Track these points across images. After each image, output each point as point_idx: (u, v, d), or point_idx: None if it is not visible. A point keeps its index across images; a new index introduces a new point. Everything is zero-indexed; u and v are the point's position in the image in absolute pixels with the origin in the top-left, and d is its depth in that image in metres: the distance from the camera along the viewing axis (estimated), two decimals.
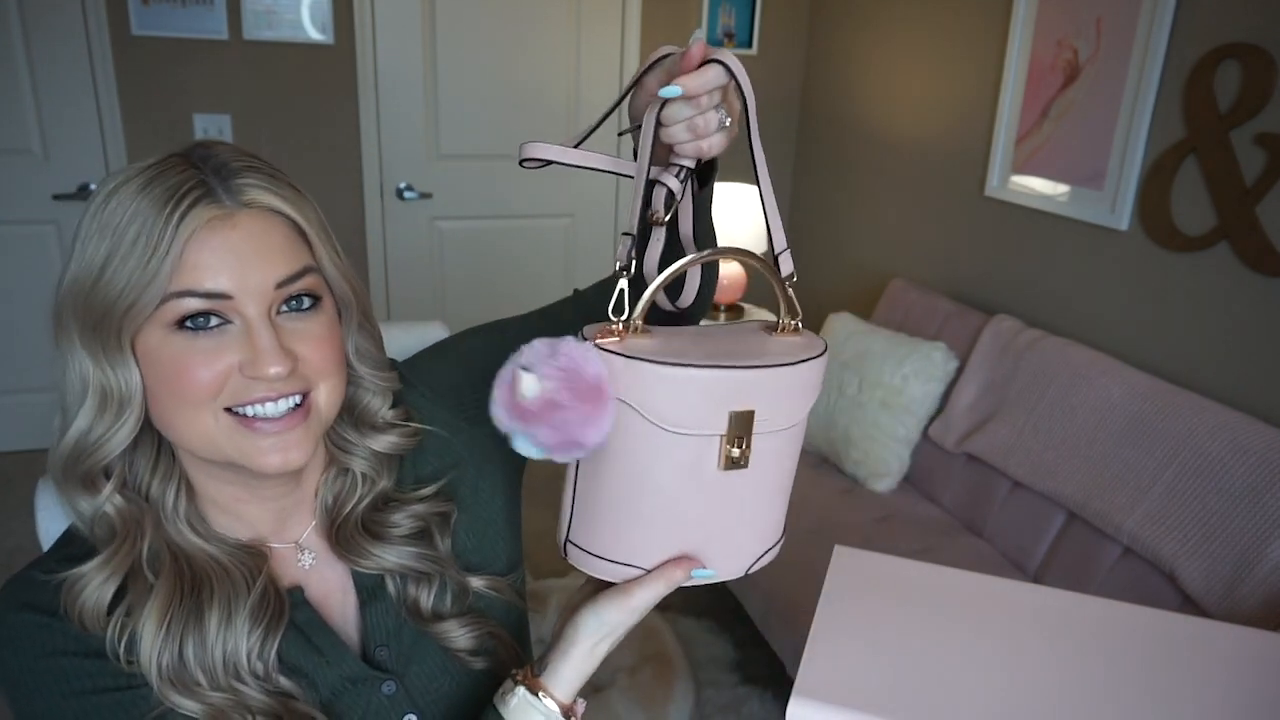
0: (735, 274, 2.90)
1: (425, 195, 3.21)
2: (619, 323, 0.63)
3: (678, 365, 0.59)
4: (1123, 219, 2.05)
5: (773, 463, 0.66)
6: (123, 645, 0.65)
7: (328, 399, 0.70)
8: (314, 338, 0.68)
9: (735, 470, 0.63)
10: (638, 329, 0.63)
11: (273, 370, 0.64)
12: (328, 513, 0.77)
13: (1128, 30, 2.00)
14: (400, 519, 0.78)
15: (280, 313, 0.66)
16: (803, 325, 0.69)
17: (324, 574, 0.77)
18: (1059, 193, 2.24)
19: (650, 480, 0.63)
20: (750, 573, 0.69)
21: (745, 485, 0.65)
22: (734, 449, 0.62)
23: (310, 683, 0.72)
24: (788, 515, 0.73)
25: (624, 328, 0.63)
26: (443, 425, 0.82)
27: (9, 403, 3.10)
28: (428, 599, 0.77)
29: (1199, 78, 1.85)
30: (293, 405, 0.67)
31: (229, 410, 0.65)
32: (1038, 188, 2.30)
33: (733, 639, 2.35)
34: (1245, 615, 1.55)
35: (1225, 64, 1.80)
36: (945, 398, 2.33)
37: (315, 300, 0.69)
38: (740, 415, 0.61)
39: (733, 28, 3.32)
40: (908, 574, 0.77)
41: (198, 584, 0.68)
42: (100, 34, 2.78)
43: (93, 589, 0.66)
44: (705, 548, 0.66)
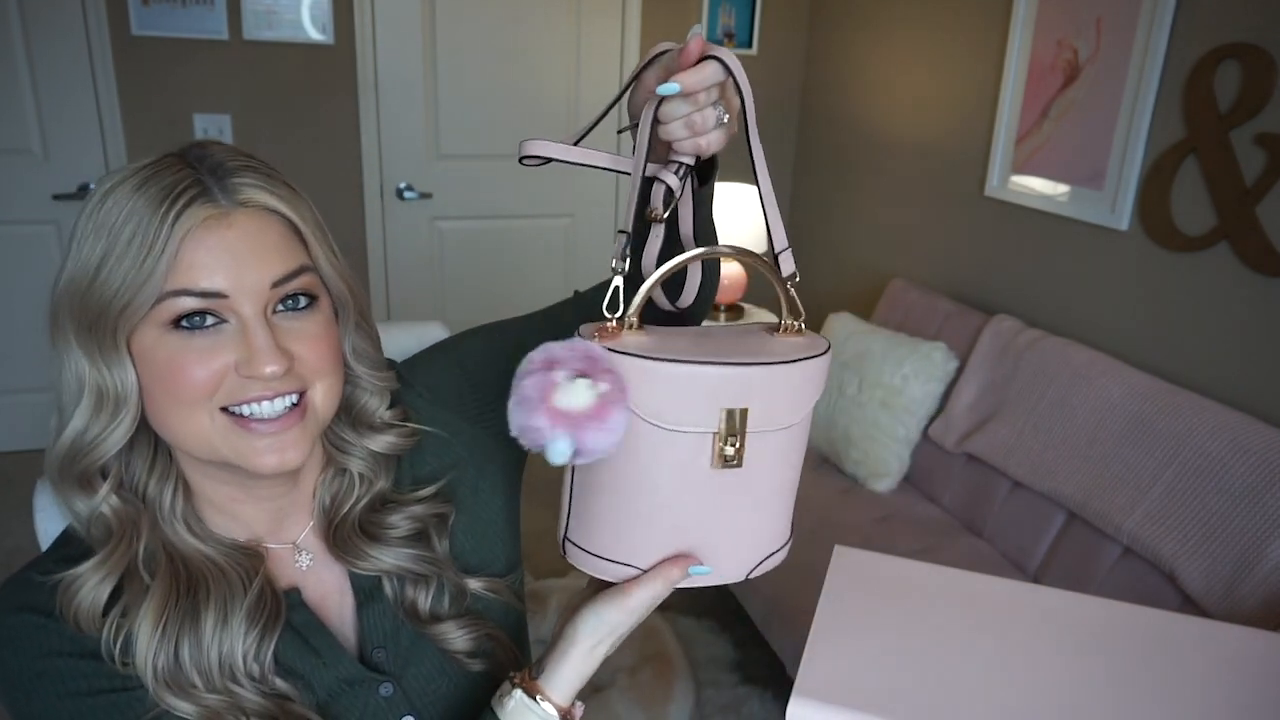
0: (735, 274, 2.90)
1: (425, 195, 3.21)
2: (614, 320, 0.63)
3: (668, 361, 0.59)
4: (1123, 219, 2.05)
5: (773, 464, 0.65)
6: (118, 646, 0.65)
7: (324, 399, 0.69)
8: (310, 337, 0.67)
9: (731, 469, 0.63)
10: (632, 326, 0.63)
11: (268, 369, 0.63)
12: (325, 513, 0.77)
13: (1128, 30, 2.00)
14: (398, 520, 0.77)
15: (276, 312, 0.66)
16: (805, 326, 0.69)
17: (321, 575, 0.77)
18: (1059, 193, 2.24)
19: (645, 478, 0.62)
20: (753, 576, 0.68)
21: (744, 486, 0.64)
22: (728, 447, 0.61)
23: (307, 684, 0.71)
24: (794, 518, 0.72)
25: (618, 324, 0.63)
26: (441, 426, 0.82)
27: (9, 403, 3.10)
28: (425, 600, 0.77)
29: (1199, 78, 1.85)
30: (289, 405, 0.67)
31: (225, 410, 0.65)
32: (1038, 188, 2.30)
33: (733, 639, 2.35)
34: (1245, 615, 1.55)
35: (1225, 64, 1.80)
36: (945, 398, 2.33)
37: (311, 299, 0.68)
38: (733, 413, 0.61)
39: (733, 27, 3.32)
40: (908, 574, 0.77)
41: (194, 585, 0.68)
42: (100, 34, 2.78)
43: (88, 590, 0.65)
44: (704, 549, 0.66)
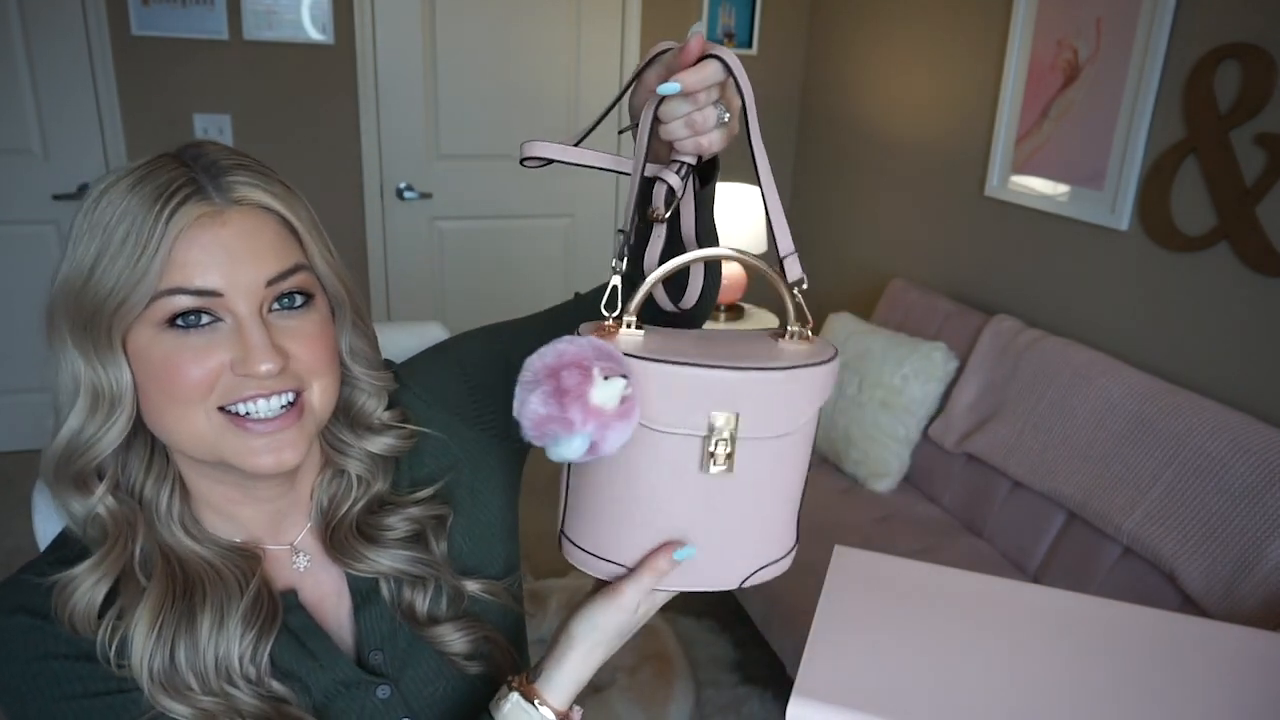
0: (736, 273, 2.90)
1: (425, 195, 3.21)
2: (611, 319, 0.63)
3: (657, 361, 0.59)
4: (1123, 219, 2.05)
5: (770, 472, 0.64)
6: (114, 648, 0.65)
7: (321, 398, 0.69)
8: (306, 336, 0.67)
9: (722, 474, 0.62)
10: (630, 325, 0.63)
11: (263, 367, 0.63)
12: (323, 515, 0.77)
13: (1128, 30, 2.00)
14: (395, 522, 0.77)
15: (272, 310, 0.66)
16: (813, 333, 0.67)
17: (319, 577, 0.76)
18: (1059, 193, 2.23)
19: (634, 478, 0.62)
20: (746, 585, 0.67)
21: (736, 493, 0.63)
22: (716, 451, 0.61)
23: (303, 687, 0.71)
24: (798, 529, 0.70)
25: (615, 323, 0.63)
26: (440, 427, 0.81)
27: (9, 403, 3.10)
28: (423, 603, 0.77)
29: (1199, 78, 1.85)
30: (285, 404, 0.66)
31: (222, 410, 0.65)
32: (1038, 188, 2.30)
33: (733, 639, 2.35)
34: (1245, 615, 1.55)
35: (1225, 64, 1.80)
36: (945, 398, 2.33)
37: (307, 298, 0.68)
38: (721, 417, 0.60)
39: (733, 27, 3.32)
40: (908, 574, 0.77)
41: (190, 587, 0.68)
42: (100, 34, 2.78)
43: (84, 591, 0.65)
44: (696, 557, 0.65)
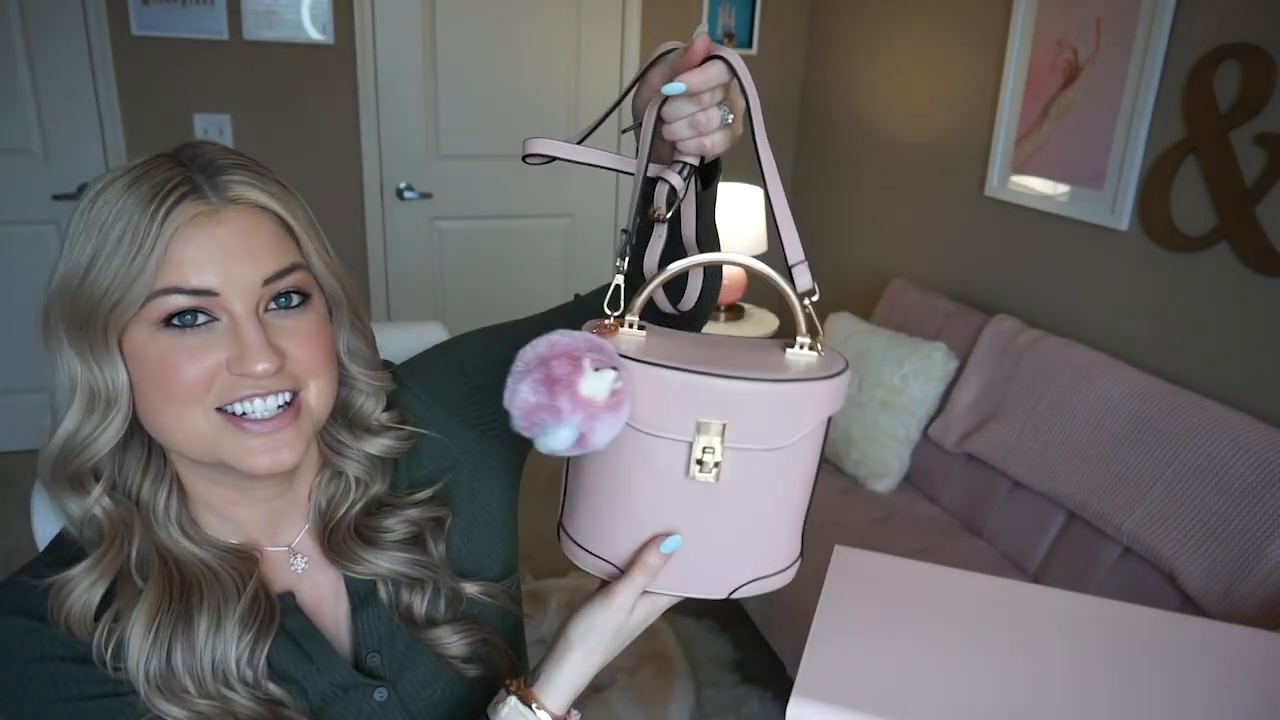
0: (737, 274, 2.90)
1: (425, 195, 3.21)
2: (613, 318, 0.63)
3: (645, 362, 0.59)
4: (1123, 219, 2.04)
5: (764, 485, 0.62)
6: (110, 651, 0.64)
7: (318, 398, 0.69)
8: (303, 335, 0.67)
9: (710, 482, 0.61)
10: (632, 325, 0.63)
11: (260, 367, 0.63)
12: (321, 516, 0.76)
13: (1128, 30, 2.00)
14: (393, 524, 0.77)
15: (268, 310, 0.66)
16: (820, 346, 0.65)
17: (316, 579, 0.76)
18: (1059, 193, 2.23)
19: (624, 478, 0.62)
20: (735, 596, 0.66)
21: (726, 503, 0.62)
22: (703, 459, 0.60)
23: (300, 690, 0.71)
24: (803, 542, 0.69)
25: (616, 322, 0.63)
26: (439, 428, 0.81)
27: (10, 403, 3.10)
28: (421, 605, 0.76)
29: (1199, 78, 1.85)
30: (282, 404, 0.66)
31: (219, 410, 0.65)
32: (1038, 188, 2.30)
33: (733, 639, 2.35)
34: (1245, 615, 1.55)
35: (1225, 64, 1.80)
36: (945, 398, 2.33)
37: (304, 298, 0.68)
38: (708, 424, 0.59)
39: (733, 27, 3.32)
40: (908, 574, 0.77)
41: (187, 588, 0.67)
42: (100, 34, 2.78)
43: (80, 593, 0.65)
44: (681, 559, 0.64)
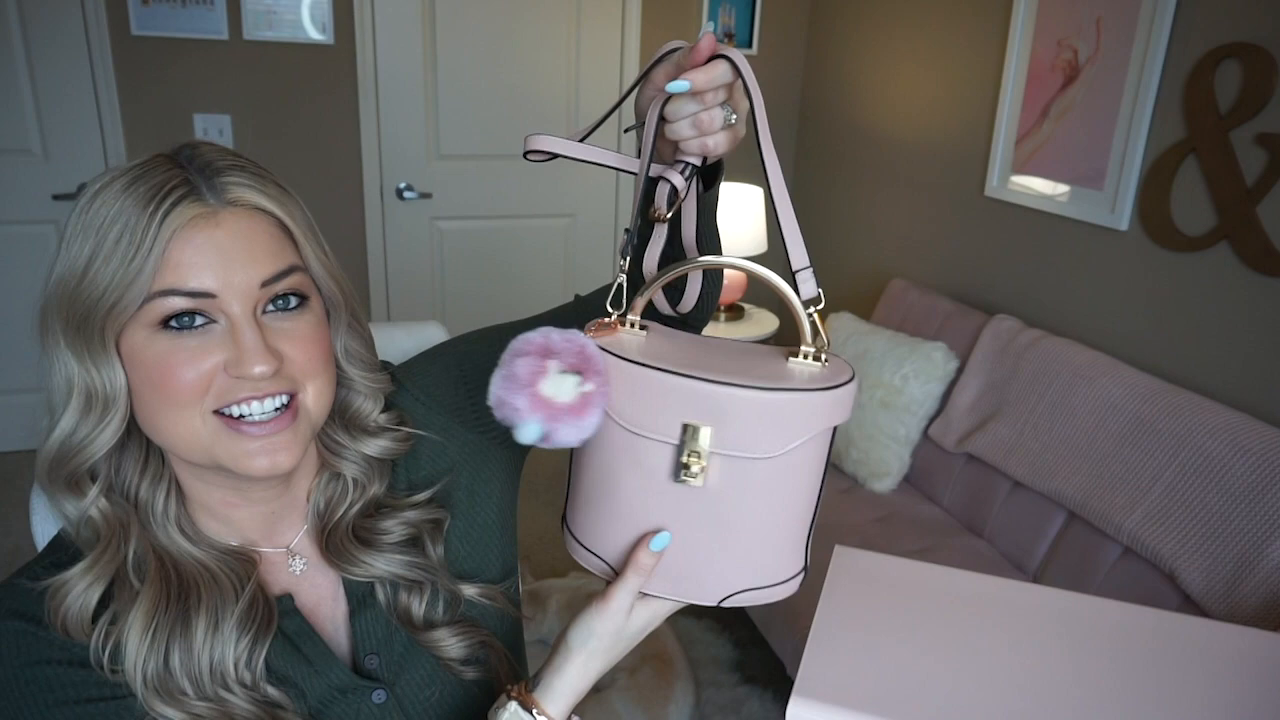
0: (737, 273, 2.90)
1: (425, 195, 3.21)
2: (615, 316, 0.63)
3: (633, 363, 0.59)
4: (1123, 219, 2.04)
5: (758, 494, 0.61)
6: (107, 653, 0.64)
7: (316, 400, 0.69)
8: (300, 337, 0.67)
9: (693, 488, 0.60)
10: (633, 324, 0.63)
11: (257, 369, 0.63)
12: (319, 518, 0.76)
13: (1128, 30, 2.00)
14: (391, 526, 0.76)
15: (266, 312, 0.66)
16: (826, 356, 0.62)
17: (315, 580, 0.76)
18: (1059, 193, 2.23)
19: (613, 476, 0.62)
20: (726, 604, 0.65)
21: (715, 509, 0.61)
22: (686, 462, 0.59)
23: (299, 692, 0.71)
24: (808, 554, 0.67)
25: (617, 321, 0.63)
26: (438, 430, 0.81)
27: (9, 403, 3.10)
28: (419, 607, 0.76)
29: (1199, 78, 1.85)
30: (279, 406, 0.66)
31: (217, 413, 0.64)
32: (1038, 188, 2.30)
33: (733, 639, 2.35)
34: (1245, 615, 1.55)
35: (1225, 64, 1.80)
36: (945, 398, 2.33)
37: (302, 299, 0.68)
38: (694, 428, 0.59)
39: (733, 28, 3.32)
40: (908, 574, 0.77)
41: (185, 590, 0.67)
42: (100, 34, 2.78)
43: (76, 595, 0.64)
44: (670, 562, 0.64)
